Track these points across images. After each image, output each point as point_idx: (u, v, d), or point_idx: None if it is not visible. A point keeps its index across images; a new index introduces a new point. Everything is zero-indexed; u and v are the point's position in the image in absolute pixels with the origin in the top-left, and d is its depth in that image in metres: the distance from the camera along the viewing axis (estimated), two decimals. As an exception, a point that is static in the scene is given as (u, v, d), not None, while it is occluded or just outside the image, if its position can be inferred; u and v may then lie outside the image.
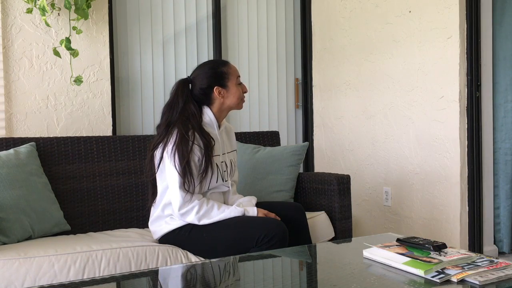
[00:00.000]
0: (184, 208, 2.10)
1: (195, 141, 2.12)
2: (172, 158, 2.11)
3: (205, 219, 2.12)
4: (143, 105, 3.40)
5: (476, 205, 2.96)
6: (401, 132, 3.26)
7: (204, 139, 2.14)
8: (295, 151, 2.91)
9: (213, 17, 3.62)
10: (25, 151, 2.40)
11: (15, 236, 2.17)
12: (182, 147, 2.09)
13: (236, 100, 2.27)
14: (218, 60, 2.34)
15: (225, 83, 2.23)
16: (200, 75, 2.25)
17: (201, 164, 2.14)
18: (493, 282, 1.38)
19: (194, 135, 2.13)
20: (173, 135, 2.12)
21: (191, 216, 2.12)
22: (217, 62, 2.35)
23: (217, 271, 1.69)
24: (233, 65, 2.30)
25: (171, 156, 2.11)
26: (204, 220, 2.12)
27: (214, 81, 2.23)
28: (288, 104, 4.01)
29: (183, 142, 2.09)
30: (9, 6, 2.80)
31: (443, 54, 2.97)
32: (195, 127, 2.15)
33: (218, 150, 2.24)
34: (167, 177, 2.16)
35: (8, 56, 2.81)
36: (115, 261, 2.03)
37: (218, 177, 2.22)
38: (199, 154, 2.13)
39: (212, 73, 2.23)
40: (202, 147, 2.13)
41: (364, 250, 1.66)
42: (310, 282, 1.61)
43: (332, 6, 3.76)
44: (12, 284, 1.87)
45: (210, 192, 2.23)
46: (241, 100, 2.30)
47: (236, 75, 2.27)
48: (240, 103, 2.31)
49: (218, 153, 2.24)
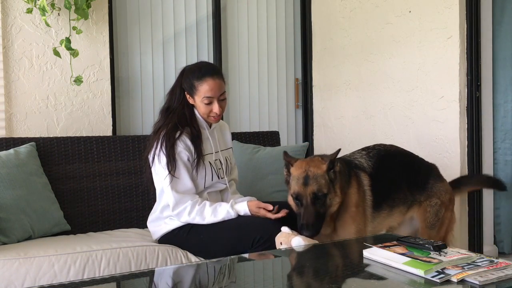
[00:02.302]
0: (177, 209, 2.12)
1: (182, 140, 2.14)
2: (160, 161, 2.14)
3: (198, 218, 2.12)
4: (143, 105, 3.40)
5: (476, 205, 2.96)
6: (401, 132, 3.26)
7: (195, 130, 2.17)
8: (295, 151, 2.91)
9: (213, 17, 3.62)
10: (25, 151, 2.40)
11: (15, 236, 2.17)
12: (168, 150, 2.12)
13: (202, 114, 2.22)
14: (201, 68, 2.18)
15: (192, 95, 2.21)
16: (187, 73, 2.23)
17: (193, 161, 2.15)
18: (493, 282, 1.38)
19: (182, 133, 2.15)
20: (159, 139, 2.15)
21: (184, 217, 2.13)
22: (197, 70, 2.21)
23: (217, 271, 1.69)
24: (211, 83, 2.15)
25: (159, 159, 2.14)
26: (198, 220, 2.12)
27: (187, 87, 2.21)
28: (288, 104, 4.01)
29: (169, 145, 2.12)
30: (9, 6, 2.80)
31: (443, 54, 2.96)
32: (187, 122, 2.18)
33: (209, 148, 2.24)
34: (160, 179, 2.17)
35: (8, 56, 2.81)
36: (115, 261, 2.03)
37: (213, 175, 2.22)
38: (188, 153, 2.15)
39: (188, 79, 2.20)
40: (189, 144, 2.15)
41: (364, 250, 1.66)
42: (310, 282, 1.61)
43: (332, 6, 3.76)
44: (12, 284, 1.88)
45: (206, 191, 2.23)
46: (207, 116, 2.21)
47: (204, 95, 2.15)
48: (207, 118, 2.23)
49: (211, 151, 2.24)
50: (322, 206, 2.05)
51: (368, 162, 2.35)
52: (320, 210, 2.04)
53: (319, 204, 2.04)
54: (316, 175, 2.05)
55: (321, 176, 2.05)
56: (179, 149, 2.13)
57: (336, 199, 2.09)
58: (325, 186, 2.05)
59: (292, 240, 1.87)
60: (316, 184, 2.04)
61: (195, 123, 2.21)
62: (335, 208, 2.11)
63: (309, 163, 2.11)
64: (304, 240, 1.88)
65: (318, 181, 2.04)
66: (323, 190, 2.04)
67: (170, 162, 2.11)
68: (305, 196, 2.04)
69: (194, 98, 2.20)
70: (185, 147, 2.14)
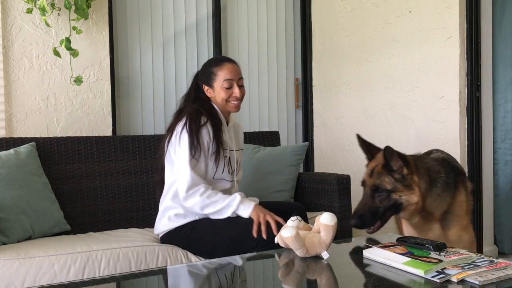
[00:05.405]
0: (192, 189, 2.08)
1: (206, 124, 2.14)
2: (179, 142, 2.12)
3: (207, 200, 2.07)
4: (143, 105, 3.40)
5: (476, 205, 2.96)
6: (401, 132, 3.26)
7: (216, 120, 2.18)
8: (295, 151, 2.91)
9: (213, 17, 3.62)
10: (25, 151, 2.40)
11: (15, 236, 2.17)
12: (191, 128, 2.10)
13: (221, 102, 2.22)
14: (217, 57, 2.25)
15: (211, 83, 2.22)
16: (202, 68, 2.29)
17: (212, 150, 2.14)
18: (493, 282, 1.38)
19: (206, 118, 2.15)
20: (182, 119, 2.15)
21: (195, 198, 2.07)
22: (213, 60, 2.32)
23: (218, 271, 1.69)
24: (230, 66, 2.22)
25: (179, 139, 2.12)
26: (207, 203, 2.07)
27: (205, 78, 2.24)
28: (288, 104, 4.01)
29: (192, 124, 2.11)
30: (9, 6, 2.80)
31: (443, 54, 2.97)
32: (208, 110, 2.18)
33: (225, 144, 2.24)
34: (176, 160, 2.15)
35: (8, 56, 2.81)
36: (115, 261, 2.03)
37: (225, 167, 2.21)
38: (208, 138, 2.14)
39: (205, 70, 2.25)
40: (211, 129, 2.14)
41: (364, 250, 1.66)
42: (310, 282, 1.61)
43: (332, 6, 3.76)
44: (12, 284, 1.88)
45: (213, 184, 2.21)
46: (227, 102, 2.21)
47: (224, 77, 2.18)
48: (226, 105, 2.23)
49: (226, 148, 2.24)
50: (383, 202, 1.95)
51: (459, 165, 2.29)
52: (379, 205, 1.95)
53: (379, 199, 1.96)
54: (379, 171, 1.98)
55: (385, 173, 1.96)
56: (203, 133, 2.12)
57: (412, 199, 1.96)
58: (389, 182, 1.95)
59: (321, 216, 1.71)
60: (378, 178, 1.96)
61: (216, 114, 2.22)
62: (408, 207, 1.98)
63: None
64: (331, 216, 1.69)
65: (381, 177, 1.96)
66: (386, 186, 1.95)
67: (193, 144, 2.08)
68: (367, 187, 2.00)
69: (213, 86, 2.21)
70: (207, 133, 2.13)
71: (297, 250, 1.66)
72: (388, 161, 1.98)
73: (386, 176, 1.97)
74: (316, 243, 1.66)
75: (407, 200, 1.96)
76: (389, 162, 1.97)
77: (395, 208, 1.98)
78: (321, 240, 1.66)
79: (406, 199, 1.96)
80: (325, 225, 1.65)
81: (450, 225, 2.10)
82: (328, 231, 1.65)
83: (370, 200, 1.97)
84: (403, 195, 1.96)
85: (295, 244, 1.64)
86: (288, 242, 1.66)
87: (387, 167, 1.98)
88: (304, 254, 1.66)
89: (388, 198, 1.96)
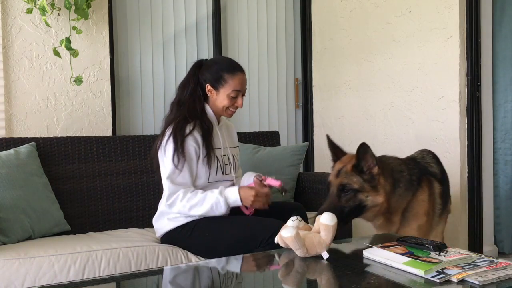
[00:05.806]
0: (171, 199, 2.11)
1: (191, 132, 2.14)
2: (164, 152, 2.15)
3: (188, 204, 2.10)
4: (143, 105, 3.40)
5: (476, 205, 2.96)
6: (401, 132, 3.26)
7: (205, 124, 2.18)
8: (295, 151, 2.91)
9: (213, 17, 3.62)
10: (25, 151, 2.40)
11: (15, 236, 2.17)
12: (175, 138, 2.12)
13: (220, 107, 2.24)
14: (231, 63, 2.24)
15: (218, 87, 2.22)
16: (211, 65, 2.26)
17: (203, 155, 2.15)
18: (493, 282, 1.38)
19: (192, 126, 2.15)
20: (167, 132, 2.16)
21: (177, 205, 2.11)
22: (227, 65, 2.26)
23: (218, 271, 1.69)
24: (242, 77, 2.23)
25: (164, 149, 2.15)
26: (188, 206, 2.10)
27: (212, 79, 2.23)
28: (288, 104, 4.01)
29: (177, 133, 2.13)
30: (9, 6, 2.80)
31: (443, 54, 2.97)
32: (198, 114, 2.18)
33: (218, 143, 2.24)
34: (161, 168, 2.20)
35: (8, 56, 2.81)
36: (115, 261, 2.03)
37: (218, 170, 2.22)
38: (195, 145, 2.15)
39: (215, 71, 2.23)
40: (199, 138, 2.15)
41: (364, 250, 1.66)
42: (310, 282, 1.61)
43: (332, 6, 3.76)
44: (12, 284, 1.88)
45: (209, 187, 2.21)
46: (225, 109, 2.25)
47: (234, 88, 2.20)
48: (223, 111, 2.26)
49: (219, 146, 2.24)
50: (349, 201, 1.95)
51: (437, 166, 2.24)
52: (345, 205, 1.95)
53: (345, 198, 1.96)
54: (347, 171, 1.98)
55: (352, 173, 1.97)
56: (188, 142, 2.14)
57: (377, 199, 1.96)
58: (357, 182, 1.95)
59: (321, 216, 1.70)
60: (345, 178, 1.96)
61: (205, 117, 2.22)
62: (373, 208, 1.98)
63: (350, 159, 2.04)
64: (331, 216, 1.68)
65: (349, 176, 1.96)
66: (353, 185, 1.95)
67: (176, 154, 2.11)
68: (332, 186, 1.99)
69: (219, 90, 2.21)
70: (194, 141, 2.15)
71: (297, 250, 1.66)
72: (359, 159, 1.98)
73: (354, 176, 1.97)
74: (316, 243, 1.66)
75: (373, 201, 1.97)
76: (361, 160, 1.97)
77: (359, 209, 1.98)
78: (321, 240, 1.66)
79: (371, 199, 1.97)
80: (325, 225, 1.66)
81: (406, 223, 2.08)
82: (328, 231, 1.65)
83: (336, 199, 1.97)
84: (369, 195, 1.97)
85: (295, 244, 1.64)
86: (288, 242, 1.66)
87: (357, 167, 1.98)
88: (304, 254, 1.66)
89: (354, 198, 1.97)
